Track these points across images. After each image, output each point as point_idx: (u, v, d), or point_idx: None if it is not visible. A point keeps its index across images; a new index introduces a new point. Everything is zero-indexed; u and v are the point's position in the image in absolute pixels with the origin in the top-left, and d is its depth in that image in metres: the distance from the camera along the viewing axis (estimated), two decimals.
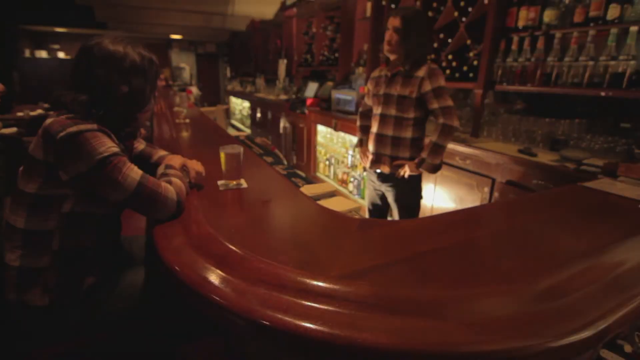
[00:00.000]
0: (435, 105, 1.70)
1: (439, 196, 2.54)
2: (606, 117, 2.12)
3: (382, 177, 1.92)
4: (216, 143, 2.13)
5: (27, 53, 7.97)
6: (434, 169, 1.77)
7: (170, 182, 1.04)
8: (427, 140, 1.81)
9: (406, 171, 1.77)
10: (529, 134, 2.25)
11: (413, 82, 1.72)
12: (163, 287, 1.10)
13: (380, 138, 1.85)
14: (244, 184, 1.26)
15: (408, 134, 1.79)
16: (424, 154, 1.74)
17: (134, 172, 0.96)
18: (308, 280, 0.66)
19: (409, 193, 1.89)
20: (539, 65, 2.13)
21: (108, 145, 0.93)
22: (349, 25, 4.15)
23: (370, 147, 1.92)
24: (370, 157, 1.92)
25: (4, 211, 1.01)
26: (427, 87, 1.69)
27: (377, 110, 1.87)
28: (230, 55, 10.02)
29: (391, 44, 1.71)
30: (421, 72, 1.70)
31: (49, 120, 0.93)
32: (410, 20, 1.68)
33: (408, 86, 1.73)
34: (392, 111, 1.79)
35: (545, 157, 1.97)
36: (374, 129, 1.89)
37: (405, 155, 1.81)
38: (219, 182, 1.26)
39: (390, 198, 1.93)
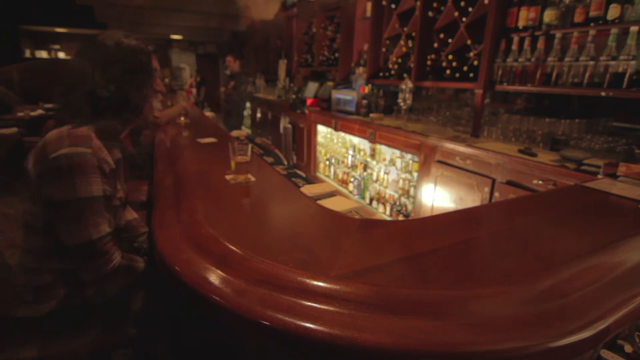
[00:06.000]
0: None
1: (439, 196, 2.54)
2: (606, 117, 2.12)
3: None
4: (217, 142, 2.13)
5: (28, 53, 7.97)
6: None
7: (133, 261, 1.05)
8: None
9: None
10: (529, 134, 2.24)
11: None
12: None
13: None
14: (252, 178, 1.31)
15: None
16: None
17: (95, 230, 0.93)
18: (308, 280, 0.66)
19: None
20: (539, 65, 2.13)
21: (91, 187, 0.91)
22: (349, 25, 4.15)
23: None
24: None
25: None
26: None
27: None
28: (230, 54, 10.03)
29: None
30: None
31: (50, 135, 0.92)
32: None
33: None
34: None
35: (546, 157, 1.97)
36: None
37: None
38: (228, 177, 1.30)
39: None
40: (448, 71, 2.73)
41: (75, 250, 0.92)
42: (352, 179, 3.76)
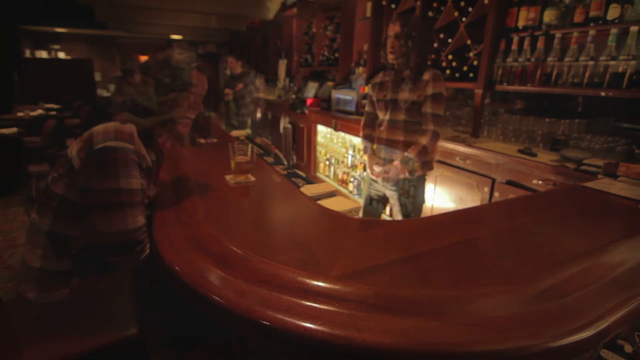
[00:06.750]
0: (428, 109, 1.72)
1: (439, 196, 2.54)
2: (606, 117, 2.12)
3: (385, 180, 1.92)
4: (217, 142, 2.13)
5: (28, 53, 7.97)
6: (422, 168, 1.83)
7: None
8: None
9: (393, 170, 1.77)
10: (529, 134, 2.24)
11: (419, 86, 1.74)
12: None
13: (391, 144, 1.86)
14: (252, 178, 1.31)
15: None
16: (411, 153, 1.73)
17: (133, 220, 0.97)
18: (308, 281, 0.66)
19: (412, 197, 1.91)
20: (539, 65, 2.13)
21: (132, 180, 0.96)
22: (349, 25, 4.15)
23: (381, 153, 1.93)
24: (379, 162, 1.93)
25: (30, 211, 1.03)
26: (429, 90, 1.71)
27: (385, 116, 1.87)
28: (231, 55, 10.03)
29: (394, 51, 1.72)
30: (426, 76, 1.72)
31: (97, 128, 0.97)
32: (410, 25, 1.69)
33: (416, 91, 1.75)
34: (401, 116, 1.80)
35: (545, 157, 1.97)
36: (383, 135, 1.89)
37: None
38: (227, 177, 1.31)
39: (393, 201, 1.95)
40: (448, 71, 2.73)
41: (112, 238, 0.96)
42: (351, 179, 3.76)
